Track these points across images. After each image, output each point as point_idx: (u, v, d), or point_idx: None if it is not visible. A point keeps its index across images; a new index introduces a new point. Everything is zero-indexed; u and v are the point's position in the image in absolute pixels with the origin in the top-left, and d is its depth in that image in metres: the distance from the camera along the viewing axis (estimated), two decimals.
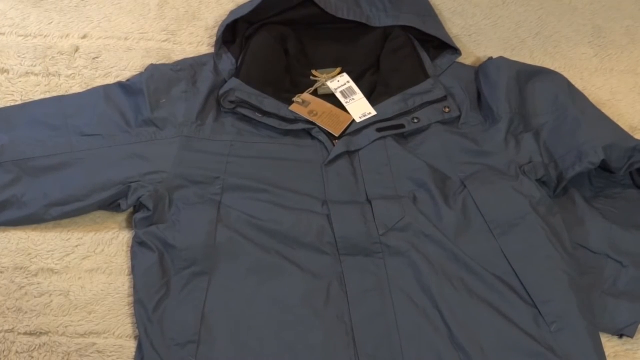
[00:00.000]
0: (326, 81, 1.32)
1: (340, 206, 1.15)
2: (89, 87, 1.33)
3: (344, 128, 1.25)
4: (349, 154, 1.21)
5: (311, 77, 1.33)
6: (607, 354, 1.06)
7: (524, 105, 1.25)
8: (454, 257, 1.11)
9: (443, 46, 1.34)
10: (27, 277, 1.15)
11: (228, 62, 1.31)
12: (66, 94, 1.34)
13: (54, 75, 1.37)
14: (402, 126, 1.23)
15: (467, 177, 1.18)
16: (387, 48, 1.33)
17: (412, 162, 1.20)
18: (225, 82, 1.28)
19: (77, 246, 1.18)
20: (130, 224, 1.19)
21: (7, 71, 1.38)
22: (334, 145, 1.22)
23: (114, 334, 1.11)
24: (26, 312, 1.12)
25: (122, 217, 1.21)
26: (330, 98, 1.29)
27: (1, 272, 1.15)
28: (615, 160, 1.17)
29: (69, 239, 1.19)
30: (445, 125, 1.24)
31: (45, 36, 1.43)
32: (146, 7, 1.49)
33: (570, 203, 1.20)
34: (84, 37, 1.43)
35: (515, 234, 1.12)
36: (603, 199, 1.22)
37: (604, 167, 1.21)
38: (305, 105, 1.27)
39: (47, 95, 1.34)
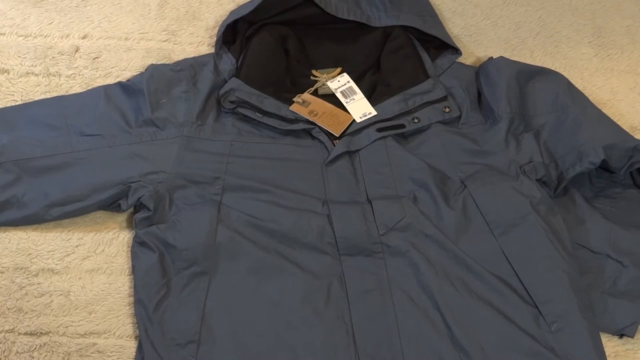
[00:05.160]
0: (326, 81, 1.32)
1: (340, 206, 1.15)
2: (89, 87, 1.34)
3: (344, 128, 1.25)
4: (349, 153, 1.21)
5: (311, 77, 1.33)
6: (607, 353, 1.06)
7: (524, 105, 1.25)
8: (454, 257, 1.11)
9: (443, 46, 1.34)
10: (27, 277, 1.15)
11: (228, 62, 1.31)
12: (66, 94, 1.34)
13: (54, 75, 1.37)
14: (402, 126, 1.23)
15: (467, 177, 1.18)
16: (387, 48, 1.33)
17: (412, 162, 1.20)
18: (226, 82, 1.28)
19: (77, 246, 1.18)
20: (131, 224, 1.19)
21: (7, 71, 1.38)
22: (334, 145, 1.22)
23: (114, 334, 1.11)
24: (26, 312, 1.12)
25: (122, 217, 1.21)
26: (331, 98, 1.29)
27: (1, 272, 1.15)
28: (616, 160, 1.17)
29: (69, 239, 1.19)
30: (446, 125, 1.24)
31: (45, 36, 1.43)
32: (146, 7, 1.49)
33: (570, 203, 1.20)
34: (84, 37, 1.43)
35: (515, 234, 1.12)
36: (603, 198, 1.22)
37: (605, 167, 1.21)
38: (305, 105, 1.27)
39: (48, 95, 1.34)
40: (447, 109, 1.25)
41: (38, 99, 1.32)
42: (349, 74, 1.33)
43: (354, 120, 1.26)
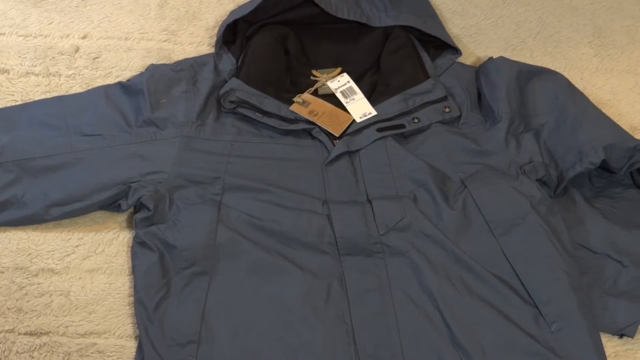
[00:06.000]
0: (326, 81, 1.32)
1: (340, 206, 1.15)
2: (89, 87, 1.34)
3: (344, 128, 1.25)
4: (349, 153, 1.21)
5: (311, 77, 1.33)
6: (607, 353, 1.06)
7: (524, 105, 1.25)
8: (454, 257, 1.11)
9: (443, 46, 1.34)
10: (27, 277, 1.15)
11: (228, 62, 1.31)
12: (66, 94, 1.34)
13: (54, 75, 1.37)
14: (402, 126, 1.23)
15: (467, 177, 1.18)
16: (387, 48, 1.33)
17: (412, 162, 1.20)
18: (226, 82, 1.28)
19: (77, 246, 1.18)
20: (131, 224, 1.19)
21: (7, 71, 1.38)
22: (334, 145, 1.22)
23: (114, 334, 1.11)
24: (26, 312, 1.12)
25: (122, 217, 1.21)
26: (331, 98, 1.29)
27: (1, 272, 1.15)
28: (616, 160, 1.17)
29: (69, 239, 1.19)
30: (446, 125, 1.24)
31: (45, 36, 1.43)
32: (146, 7, 1.49)
33: (570, 203, 1.20)
34: (84, 37, 1.43)
35: (515, 234, 1.12)
36: (603, 198, 1.22)
37: (604, 167, 1.21)
38: (305, 105, 1.27)
39: (48, 95, 1.34)
40: (447, 109, 1.25)
41: (38, 99, 1.32)
42: (349, 74, 1.33)
43: (354, 120, 1.26)
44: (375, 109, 1.26)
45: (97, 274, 1.16)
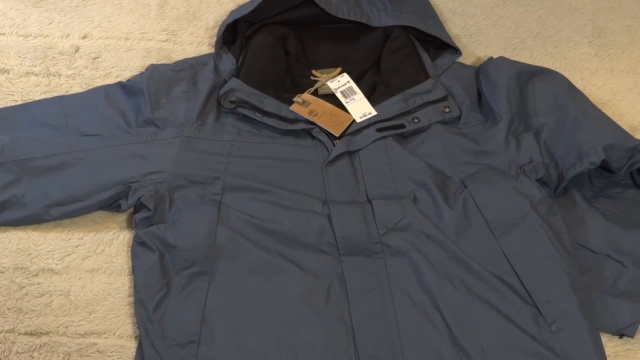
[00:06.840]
0: (326, 81, 1.32)
1: (340, 206, 1.15)
2: (89, 87, 1.34)
3: (344, 128, 1.25)
4: (349, 153, 1.21)
5: (311, 77, 1.33)
6: (607, 353, 1.06)
7: (524, 105, 1.25)
8: (454, 257, 1.11)
9: (443, 46, 1.34)
10: (27, 277, 1.15)
11: (228, 62, 1.31)
12: (66, 94, 1.34)
13: (54, 75, 1.37)
14: (402, 126, 1.23)
15: (467, 177, 1.18)
16: (388, 48, 1.33)
17: (412, 162, 1.20)
18: (226, 82, 1.28)
19: (77, 246, 1.18)
20: (131, 224, 1.19)
21: (7, 71, 1.38)
22: (334, 145, 1.22)
23: (114, 334, 1.11)
24: (26, 312, 1.12)
25: (122, 217, 1.21)
26: (331, 98, 1.29)
27: (1, 272, 1.15)
28: (616, 160, 1.17)
29: (69, 239, 1.19)
30: (446, 125, 1.24)
31: (45, 36, 1.43)
32: (146, 7, 1.49)
33: (570, 203, 1.20)
34: (84, 37, 1.43)
35: (515, 234, 1.12)
36: (603, 198, 1.22)
37: (605, 167, 1.21)
38: (305, 105, 1.27)
39: (48, 95, 1.34)
40: (447, 109, 1.25)
41: (38, 99, 1.32)
42: (349, 74, 1.33)
43: (354, 120, 1.26)
44: (375, 109, 1.26)
45: (97, 274, 1.16)
